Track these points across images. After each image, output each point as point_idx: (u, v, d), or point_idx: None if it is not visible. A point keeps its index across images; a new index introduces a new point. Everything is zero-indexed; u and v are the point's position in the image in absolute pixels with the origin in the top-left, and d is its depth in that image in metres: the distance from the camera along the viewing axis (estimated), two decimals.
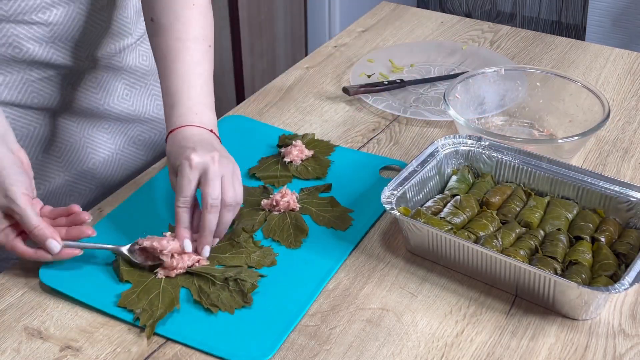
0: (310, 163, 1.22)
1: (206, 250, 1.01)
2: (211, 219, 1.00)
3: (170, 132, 1.06)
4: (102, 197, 1.28)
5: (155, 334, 0.93)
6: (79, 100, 1.24)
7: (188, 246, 1.00)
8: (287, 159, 1.22)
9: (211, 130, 1.07)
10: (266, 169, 1.21)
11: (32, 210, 0.97)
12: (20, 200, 0.96)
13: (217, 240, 1.03)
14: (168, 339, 0.93)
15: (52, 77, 1.18)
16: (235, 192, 1.01)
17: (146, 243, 1.00)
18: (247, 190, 1.15)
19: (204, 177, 1.00)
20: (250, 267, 1.02)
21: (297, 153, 1.23)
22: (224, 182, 1.01)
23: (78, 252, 1.00)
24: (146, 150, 1.36)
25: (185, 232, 1.01)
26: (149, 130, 1.35)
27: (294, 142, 1.25)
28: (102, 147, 1.29)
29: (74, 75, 1.21)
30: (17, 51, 1.13)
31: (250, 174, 1.21)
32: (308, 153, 1.23)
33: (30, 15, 1.11)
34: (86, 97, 1.24)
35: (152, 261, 1.00)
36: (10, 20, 1.10)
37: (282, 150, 1.25)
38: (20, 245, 0.99)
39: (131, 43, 1.27)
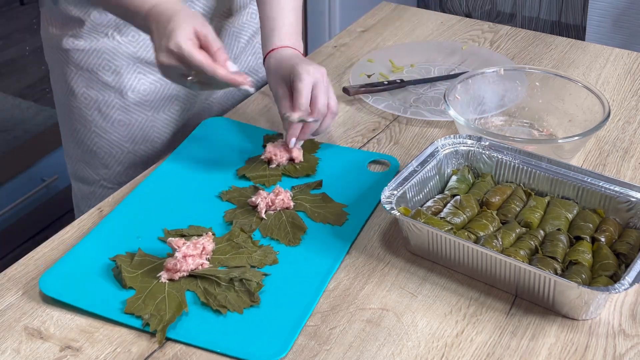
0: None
1: (293, 142, 1.20)
2: (317, 121, 1.19)
3: (272, 50, 1.25)
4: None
5: (167, 338, 0.93)
6: None
7: (292, 144, 1.20)
8: (272, 165, 1.22)
9: (302, 53, 1.28)
10: (255, 169, 1.21)
11: (196, 52, 1.07)
12: (185, 45, 1.07)
13: (301, 142, 1.23)
14: (170, 340, 0.93)
15: None
16: (336, 102, 1.22)
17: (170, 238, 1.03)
18: (238, 191, 1.16)
19: (317, 86, 1.19)
20: (252, 266, 1.02)
21: (281, 153, 1.22)
22: (329, 93, 1.21)
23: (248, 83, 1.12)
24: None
25: (296, 131, 1.19)
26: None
27: (274, 143, 1.24)
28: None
29: None
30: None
31: (239, 175, 1.20)
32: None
33: None
34: None
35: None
36: None
37: (264, 156, 1.23)
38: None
39: None
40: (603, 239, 1.02)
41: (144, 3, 1.14)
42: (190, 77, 1.10)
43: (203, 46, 1.10)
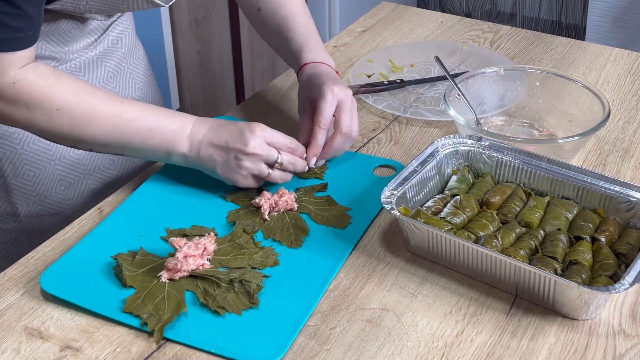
0: None
1: (314, 161, 1.19)
2: (339, 141, 1.19)
3: (305, 65, 1.25)
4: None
5: (164, 338, 0.93)
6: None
7: (313, 163, 1.19)
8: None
9: (337, 72, 1.26)
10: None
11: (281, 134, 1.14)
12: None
13: (323, 161, 1.21)
14: (169, 340, 0.93)
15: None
16: (358, 126, 1.22)
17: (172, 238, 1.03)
18: (243, 192, 1.16)
19: (341, 107, 1.18)
20: (253, 268, 1.02)
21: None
22: (353, 116, 1.20)
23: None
24: None
25: (318, 150, 1.18)
26: None
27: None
28: None
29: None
30: None
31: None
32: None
33: None
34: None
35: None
36: None
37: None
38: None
39: None
40: (603, 239, 1.02)
41: (183, 124, 1.12)
42: (275, 166, 1.13)
43: (274, 144, 1.13)
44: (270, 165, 1.13)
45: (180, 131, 1.11)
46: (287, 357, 0.91)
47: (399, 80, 1.47)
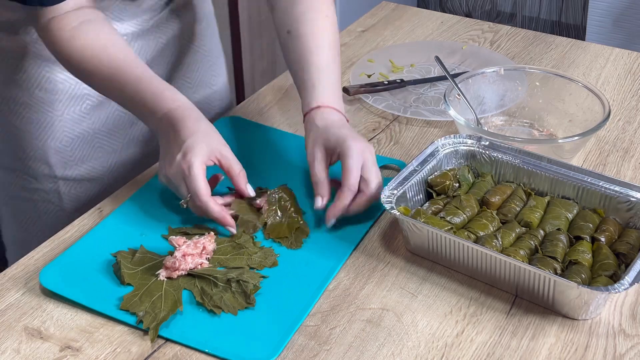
0: None
1: (332, 222, 1.09)
2: (365, 204, 1.09)
3: (315, 108, 1.15)
4: None
5: (159, 336, 0.93)
6: None
7: (331, 224, 1.09)
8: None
9: (347, 120, 1.18)
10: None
11: (202, 183, 1.05)
12: (195, 169, 1.05)
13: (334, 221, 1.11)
14: (168, 340, 0.93)
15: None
16: (380, 189, 1.10)
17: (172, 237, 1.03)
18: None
19: (366, 166, 1.10)
20: (251, 268, 1.02)
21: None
22: (377, 173, 1.11)
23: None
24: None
25: (341, 212, 1.09)
26: None
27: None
28: None
29: None
30: None
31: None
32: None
33: None
34: None
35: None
36: None
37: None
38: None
39: None
40: (603, 239, 1.02)
41: (162, 103, 1.10)
42: (183, 201, 1.07)
43: (222, 167, 1.09)
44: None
45: (154, 112, 1.11)
46: (288, 357, 0.91)
47: (399, 80, 1.47)
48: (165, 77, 1.38)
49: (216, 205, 1.06)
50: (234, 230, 1.07)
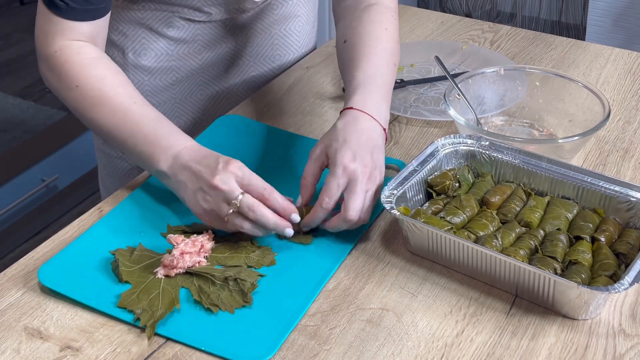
0: None
1: (306, 229, 1.07)
2: (341, 225, 1.05)
3: (348, 109, 1.12)
4: None
5: (156, 334, 0.93)
6: None
7: (305, 229, 1.07)
8: None
9: (384, 129, 1.12)
10: None
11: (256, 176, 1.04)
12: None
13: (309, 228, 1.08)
14: (168, 339, 0.93)
15: None
16: (368, 214, 1.06)
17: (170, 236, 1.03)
18: None
19: (351, 187, 1.04)
20: (249, 266, 1.02)
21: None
22: (365, 199, 1.05)
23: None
24: None
25: (313, 225, 1.06)
26: None
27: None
28: None
29: None
30: None
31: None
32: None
33: None
34: None
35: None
36: None
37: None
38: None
39: None
40: (603, 239, 1.02)
41: (176, 142, 1.09)
42: (231, 205, 1.02)
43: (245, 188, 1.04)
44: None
45: (169, 148, 1.08)
46: (288, 357, 0.91)
47: (399, 80, 1.47)
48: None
49: (280, 198, 1.03)
50: (290, 232, 1.04)
